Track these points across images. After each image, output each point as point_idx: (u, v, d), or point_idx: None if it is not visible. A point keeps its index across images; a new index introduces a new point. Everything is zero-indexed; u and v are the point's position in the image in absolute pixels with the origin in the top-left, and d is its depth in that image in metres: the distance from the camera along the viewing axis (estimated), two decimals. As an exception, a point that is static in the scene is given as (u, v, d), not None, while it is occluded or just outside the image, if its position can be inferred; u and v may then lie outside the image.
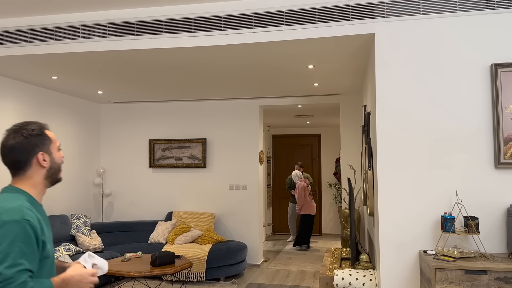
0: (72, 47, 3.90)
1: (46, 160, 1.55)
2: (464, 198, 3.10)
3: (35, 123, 1.57)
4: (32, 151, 1.52)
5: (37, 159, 1.53)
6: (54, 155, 1.59)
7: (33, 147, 1.53)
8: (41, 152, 1.54)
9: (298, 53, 3.93)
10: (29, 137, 1.53)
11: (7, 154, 1.52)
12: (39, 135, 1.55)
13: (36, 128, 1.55)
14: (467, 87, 3.14)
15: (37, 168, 1.54)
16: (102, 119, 7.06)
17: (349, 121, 6.28)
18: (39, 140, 1.55)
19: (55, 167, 1.59)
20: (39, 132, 1.56)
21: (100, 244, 5.61)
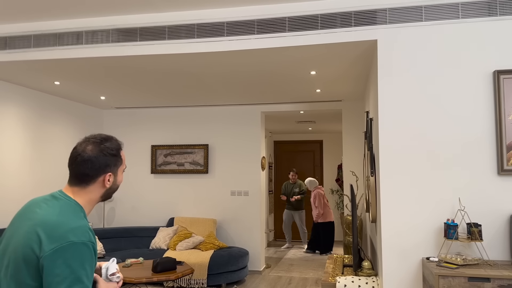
0: (75, 52, 3.92)
1: (110, 181, 1.52)
2: (467, 205, 3.09)
3: (115, 141, 1.55)
4: (103, 169, 1.50)
5: (103, 178, 1.51)
6: (118, 176, 1.57)
7: (106, 166, 1.50)
8: (110, 173, 1.52)
9: (301, 59, 3.94)
10: (107, 155, 1.51)
11: (79, 163, 1.48)
12: (115, 156, 1.53)
13: (114, 148, 1.53)
14: (469, 94, 3.13)
15: (100, 186, 1.51)
16: (105, 124, 7.07)
17: (351, 127, 6.27)
18: (113, 160, 1.52)
19: (114, 188, 1.57)
20: (116, 152, 1.54)
21: (102, 250, 5.59)
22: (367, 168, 4.33)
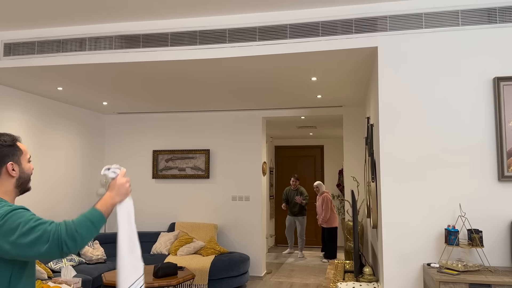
0: (78, 59, 3.95)
1: (15, 170, 1.61)
2: (468, 211, 3.10)
3: (8, 135, 1.64)
4: (2, 160, 1.59)
5: (6, 169, 1.59)
6: (23, 165, 1.65)
7: (3, 157, 1.59)
8: (10, 162, 1.60)
9: (302, 65, 3.97)
10: (1, 147, 1.60)
11: None
12: (10, 146, 1.62)
13: (8, 140, 1.62)
14: (470, 100, 3.15)
15: (7, 177, 1.60)
16: (107, 129, 7.10)
17: (352, 133, 6.29)
18: (10, 150, 1.61)
19: (24, 177, 1.65)
20: (11, 143, 1.63)
21: (103, 255, 5.60)
22: (368, 173, 4.35)
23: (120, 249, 1.74)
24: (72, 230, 1.45)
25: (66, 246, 1.42)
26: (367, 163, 4.52)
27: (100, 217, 1.55)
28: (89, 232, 1.49)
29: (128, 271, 1.75)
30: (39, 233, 1.42)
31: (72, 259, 5.22)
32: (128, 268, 1.75)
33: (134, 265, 1.76)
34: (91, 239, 1.52)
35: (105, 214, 1.58)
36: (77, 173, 6.29)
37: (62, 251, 1.43)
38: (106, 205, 1.60)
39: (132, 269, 1.76)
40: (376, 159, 3.62)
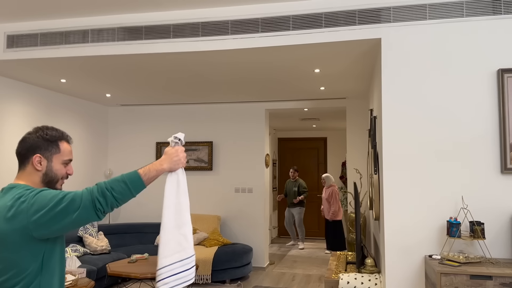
0: (81, 51, 3.96)
1: (41, 164, 1.59)
2: (470, 203, 3.10)
3: (56, 131, 1.63)
4: (33, 150, 1.58)
5: (32, 160, 1.58)
6: (54, 164, 1.61)
7: (35, 147, 1.59)
8: (38, 155, 1.58)
9: (305, 57, 3.96)
10: (39, 138, 1.59)
11: (19, 143, 1.62)
12: (49, 141, 1.60)
13: (51, 134, 1.61)
14: (473, 92, 3.14)
15: (33, 169, 1.59)
16: (110, 121, 7.12)
17: (355, 125, 6.28)
18: (44, 144, 1.60)
19: (51, 176, 1.61)
20: (50, 138, 1.61)
21: (107, 246, 5.66)
22: (371, 166, 4.35)
23: (163, 221, 1.62)
24: (103, 187, 1.46)
25: (99, 202, 1.44)
26: (370, 155, 4.52)
27: (137, 179, 1.50)
28: (121, 192, 1.47)
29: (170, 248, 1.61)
30: (69, 200, 1.44)
31: (77, 249, 5.27)
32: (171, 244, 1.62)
33: (179, 243, 1.62)
34: (125, 201, 1.50)
35: (144, 178, 1.52)
36: (80, 165, 6.33)
37: (96, 208, 1.44)
38: (149, 169, 1.55)
39: (176, 247, 1.62)
40: (379, 151, 3.62)
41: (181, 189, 1.66)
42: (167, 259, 1.60)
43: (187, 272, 1.63)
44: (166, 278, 1.59)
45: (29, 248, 1.45)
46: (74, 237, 5.60)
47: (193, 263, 1.66)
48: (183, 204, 1.66)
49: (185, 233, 1.65)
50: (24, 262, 1.45)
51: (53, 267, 1.54)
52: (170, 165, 1.63)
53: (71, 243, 5.48)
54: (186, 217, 1.66)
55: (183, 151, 1.68)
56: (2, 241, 1.44)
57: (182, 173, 1.68)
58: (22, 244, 1.44)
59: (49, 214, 1.43)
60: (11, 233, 1.44)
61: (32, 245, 1.46)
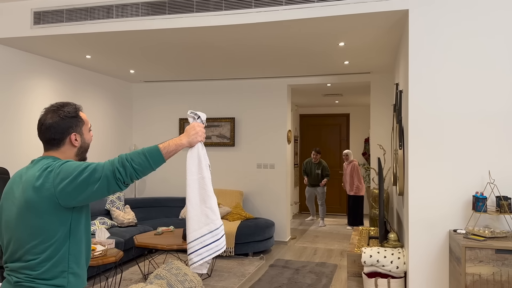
0: (106, 26, 3.99)
1: (77, 140, 1.68)
2: (497, 178, 3.05)
3: (71, 105, 1.69)
4: (66, 131, 1.65)
5: (70, 139, 1.66)
6: (85, 135, 1.72)
7: (67, 128, 1.66)
8: (74, 133, 1.67)
9: (329, 30, 3.89)
10: (65, 118, 1.66)
11: (44, 131, 1.66)
12: (74, 117, 1.68)
13: (71, 110, 1.68)
14: (504, 65, 3.04)
15: (69, 146, 1.67)
16: (134, 97, 7.22)
17: (379, 100, 6.19)
18: (73, 121, 1.67)
19: (85, 147, 1.72)
20: (74, 114, 1.68)
21: (134, 219, 5.83)
22: (396, 141, 4.31)
23: (189, 196, 1.67)
24: (123, 158, 1.53)
25: (119, 172, 1.51)
26: (395, 131, 4.47)
27: (156, 153, 1.56)
28: (141, 164, 1.53)
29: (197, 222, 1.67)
30: (91, 169, 1.52)
31: (104, 222, 5.46)
32: (197, 218, 1.67)
33: (206, 216, 1.67)
34: (145, 173, 1.56)
35: (164, 151, 1.58)
36: (107, 140, 6.48)
37: (116, 177, 1.51)
38: (169, 144, 1.61)
39: (204, 220, 1.67)
40: (405, 126, 3.58)
41: (202, 164, 1.70)
42: (197, 232, 1.67)
43: (217, 242, 1.69)
44: (199, 250, 1.66)
45: (57, 215, 1.53)
46: (102, 211, 5.79)
47: (222, 233, 1.71)
48: (206, 178, 1.70)
49: (211, 205, 1.70)
50: (52, 228, 1.53)
51: (80, 235, 1.62)
52: (189, 139, 1.69)
53: (99, 216, 5.67)
54: (210, 190, 1.70)
55: (200, 126, 1.73)
56: (31, 208, 1.52)
57: (202, 147, 1.72)
58: (50, 211, 1.52)
59: (74, 183, 1.51)
60: (40, 201, 1.51)
61: (59, 213, 1.54)
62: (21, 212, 1.53)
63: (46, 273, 1.53)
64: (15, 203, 1.57)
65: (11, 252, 1.56)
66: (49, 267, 1.53)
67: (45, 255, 1.53)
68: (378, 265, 3.58)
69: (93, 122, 6.16)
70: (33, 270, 1.53)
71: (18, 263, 1.54)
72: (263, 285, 4.57)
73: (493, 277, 2.63)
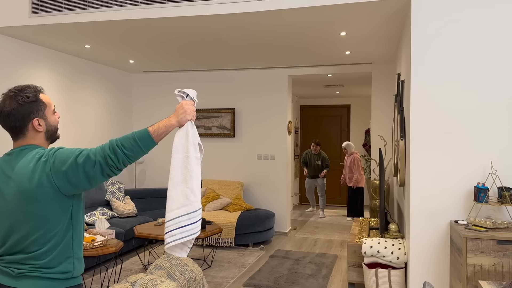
0: (105, 15, 3.95)
1: (41, 125, 1.60)
2: (499, 169, 3.03)
3: (30, 88, 1.60)
4: (27, 117, 1.57)
5: (32, 125, 1.59)
6: (49, 119, 1.63)
7: (28, 114, 1.57)
8: (36, 118, 1.59)
9: (330, 19, 3.85)
10: (24, 104, 1.56)
11: (4, 119, 1.58)
12: (34, 102, 1.59)
13: (31, 95, 1.58)
14: (507, 56, 3.01)
15: (34, 132, 1.60)
16: (134, 88, 7.18)
17: (381, 91, 6.15)
18: (33, 106, 1.58)
19: (52, 129, 1.65)
20: (34, 98, 1.59)
21: (134, 209, 5.82)
22: (397, 131, 4.28)
23: (171, 175, 1.63)
24: (114, 145, 1.50)
25: (111, 159, 1.48)
26: (396, 121, 4.44)
27: (147, 136, 1.53)
28: (131, 149, 1.51)
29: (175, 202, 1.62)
30: (85, 156, 1.49)
31: (104, 213, 5.45)
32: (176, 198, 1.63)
33: (185, 197, 1.62)
34: (137, 158, 1.53)
35: (154, 134, 1.54)
36: (106, 130, 6.45)
37: (108, 164, 1.49)
38: (158, 126, 1.56)
39: (183, 200, 1.62)
40: (406, 116, 3.55)
41: (189, 142, 1.64)
42: (174, 212, 1.63)
43: (193, 225, 1.64)
44: (174, 230, 1.62)
45: (59, 204, 1.52)
46: (102, 201, 5.78)
47: (199, 217, 1.66)
48: (191, 158, 1.64)
49: (192, 186, 1.64)
50: (55, 218, 1.52)
51: (81, 222, 1.62)
52: (177, 118, 1.64)
53: (99, 207, 5.66)
54: (195, 171, 1.64)
55: (189, 104, 1.67)
56: (32, 199, 1.49)
57: (192, 126, 1.67)
58: (52, 201, 1.50)
59: (71, 169, 1.49)
60: (40, 192, 1.49)
61: (61, 201, 1.52)
62: (19, 206, 1.50)
63: (53, 261, 1.53)
64: (6, 198, 1.53)
65: (10, 245, 1.53)
66: (55, 255, 1.53)
67: (51, 244, 1.52)
68: (379, 256, 3.57)
69: (92, 113, 6.13)
70: (38, 260, 1.51)
71: (19, 255, 1.53)
72: (263, 275, 4.58)
73: (494, 268, 2.62)
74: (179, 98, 1.71)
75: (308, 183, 8.54)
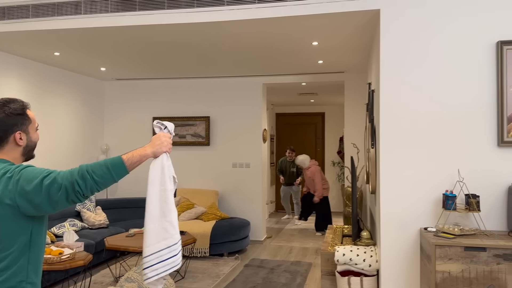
0: (74, 23, 3.87)
1: (22, 139, 1.59)
2: (466, 176, 3.11)
3: (18, 102, 1.60)
4: (11, 129, 1.56)
5: (14, 138, 1.57)
6: (31, 134, 1.63)
7: (12, 125, 1.57)
8: (19, 131, 1.58)
9: (302, 29, 3.88)
10: (11, 115, 1.56)
11: None
12: (20, 115, 1.59)
13: (18, 107, 1.59)
14: (472, 65, 3.10)
15: (13, 145, 1.58)
16: (106, 96, 7.05)
17: (353, 99, 6.24)
18: (19, 119, 1.58)
19: (31, 146, 1.64)
20: (21, 111, 1.59)
21: (105, 220, 5.69)
22: (368, 140, 4.34)
23: (148, 209, 1.61)
24: (84, 170, 1.45)
25: (78, 185, 1.43)
26: (367, 130, 4.51)
27: (119, 164, 1.49)
28: (102, 176, 1.46)
29: (155, 236, 1.60)
30: (52, 178, 1.43)
31: (74, 224, 5.31)
32: (156, 232, 1.61)
33: (165, 230, 1.60)
34: (106, 185, 1.49)
35: (128, 163, 1.51)
36: (77, 140, 6.31)
37: (75, 190, 1.43)
38: (132, 155, 1.53)
39: (163, 234, 1.60)
40: (376, 125, 3.60)
41: (166, 176, 1.63)
42: (154, 246, 1.60)
43: (175, 257, 1.63)
44: (155, 265, 1.60)
45: (16, 223, 1.46)
46: (72, 212, 5.63)
47: (179, 248, 1.66)
48: (168, 191, 1.64)
49: (171, 220, 1.63)
50: (11, 237, 1.46)
51: (40, 246, 1.55)
52: (153, 149, 1.62)
53: (69, 218, 5.51)
54: (171, 203, 1.64)
55: (166, 136, 1.67)
56: None
57: (167, 158, 1.66)
58: (9, 219, 1.45)
59: (33, 190, 1.43)
60: None
61: (19, 220, 1.46)
62: None
63: (4, 283, 1.46)
64: None
65: None
66: (7, 277, 1.46)
67: (3, 264, 1.45)
68: (351, 264, 3.59)
69: (63, 122, 5.98)
70: None
71: None
72: (237, 285, 4.54)
73: (462, 274, 2.67)
74: (156, 129, 1.70)
75: (283, 190, 8.55)
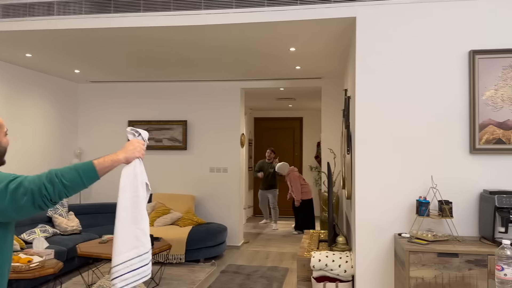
0: (46, 24, 3.76)
1: None
2: (439, 183, 3.16)
3: None
4: None
5: None
6: (0, 140, 1.59)
7: None
8: None
9: (280, 35, 3.88)
10: None
11: None
12: None
13: None
14: (444, 73, 3.16)
15: None
16: (80, 99, 6.90)
17: (330, 105, 6.29)
18: None
19: (1, 151, 1.59)
20: None
21: (78, 226, 5.55)
22: (344, 146, 4.37)
23: (119, 216, 1.55)
24: (52, 174, 1.40)
25: (45, 189, 1.37)
26: (344, 136, 4.54)
27: (90, 169, 1.45)
28: (72, 181, 1.41)
29: (125, 244, 1.55)
30: (18, 182, 1.38)
31: (46, 230, 5.15)
32: (128, 239, 1.55)
33: (136, 238, 1.55)
34: (76, 191, 1.44)
35: (99, 168, 1.47)
36: (49, 144, 6.14)
37: (42, 194, 1.37)
38: (104, 160, 1.49)
39: (134, 242, 1.55)
40: (352, 131, 3.63)
41: (138, 182, 1.59)
42: (124, 254, 1.55)
43: (145, 267, 1.58)
44: (125, 275, 1.54)
45: None
46: (43, 218, 5.46)
47: (150, 258, 1.61)
48: (141, 197, 1.59)
49: (143, 227, 1.58)
50: None
51: (5, 254, 1.48)
52: (126, 155, 1.58)
53: (40, 224, 5.34)
54: (143, 210, 1.59)
55: (140, 142, 1.63)
56: None
57: (140, 164, 1.62)
58: None
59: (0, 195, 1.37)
60: None
61: None
62: None
63: None
64: None
65: None
66: None
67: None
68: (327, 269, 3.60)
69: (35, 125, 5.81)
70: None
71: None
72: (213, 292, 4.48)
73: (435, 280, 2.70)
74: (130, 135, 1.66)
75: (261, 194, 8.54)
